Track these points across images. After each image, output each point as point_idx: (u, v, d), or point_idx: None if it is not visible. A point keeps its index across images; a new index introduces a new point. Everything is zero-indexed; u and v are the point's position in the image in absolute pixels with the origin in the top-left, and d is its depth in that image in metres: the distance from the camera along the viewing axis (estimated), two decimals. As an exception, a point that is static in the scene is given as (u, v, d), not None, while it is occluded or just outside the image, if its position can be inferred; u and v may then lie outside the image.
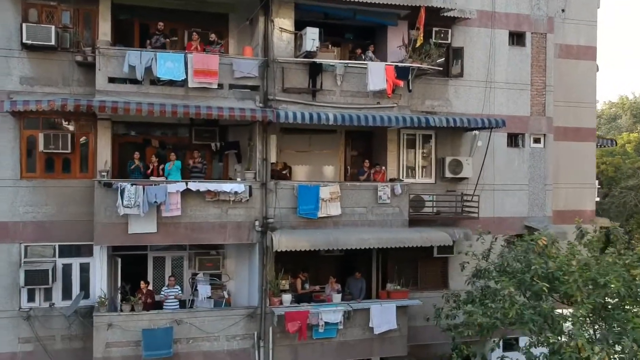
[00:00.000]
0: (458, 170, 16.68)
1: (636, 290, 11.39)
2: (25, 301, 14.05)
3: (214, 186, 14.03)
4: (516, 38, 17.96)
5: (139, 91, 13.90)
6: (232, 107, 14.05)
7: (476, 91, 17.34)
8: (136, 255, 15.12)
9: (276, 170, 15.44)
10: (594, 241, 13.09)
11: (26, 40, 13.56)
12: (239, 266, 15.89)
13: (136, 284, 14.64)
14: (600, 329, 11.16)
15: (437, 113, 16.65)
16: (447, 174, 16.66)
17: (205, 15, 15.76)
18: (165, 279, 15.25)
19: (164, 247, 15.29)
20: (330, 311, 14.68)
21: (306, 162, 16.83)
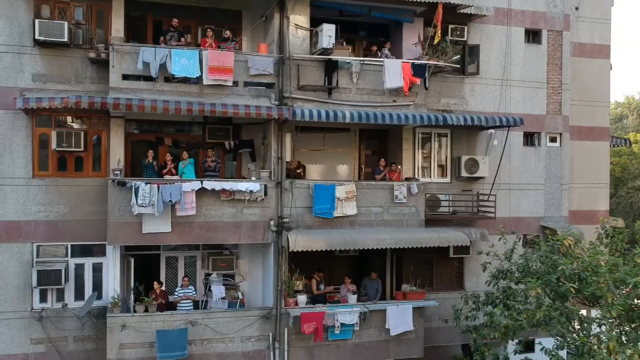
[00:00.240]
0: (474, 170, 16.46)
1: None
2: (38, 302, 13.83)
3: (229, 185, 13.81)
4: (532, 36, 17.75)
5: (153, 88, 13.68)
6: (247, 104, 13.82)
7: (492, 89, 17.12)
8: (148, 255, 14.90)
9: (290, 169, 15.22)
10: (618, 241, 12.83)
11: (39, 37, 13.36)
12: (252, 266, 15.68)
13: (148, 284, 14.43)
14: (628, 330, 10.91)
15: (452, 111, 16.43)
16: (463, 173, 16.43)
17: (219, 12, 15.57)
18: (178, 279, 15.06)
19: (176, 247, 15.07)
20: (347, 312, 14.46)
21: (320, 161, 16.62)
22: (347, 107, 14.79)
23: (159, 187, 13.15)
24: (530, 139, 17.69)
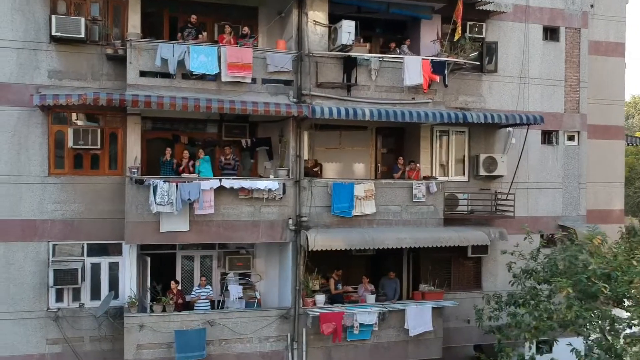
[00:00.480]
0: (492, 168, 16.26)
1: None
2: (54, 301, 13.64)
3: (248, 183, 13.62)
4: (550, 33, 17.55)
5: (170, 85, 13.49)
6: (266, 102, 13.63)
7: (510, 87, 16.93)
8: (163, 255, 14.70)
9: (307, 167, 15.04)
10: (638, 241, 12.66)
11: (55, 33, 13.16)
12: (268, 266, 15.49)
13: (164, 284, 14.25)
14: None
15: (470, 109, 16.23)
16: (481, 172, 16.22)
17: (235, 9, 15.38)
18: (195, 278, 14.88)
19: (193, 246, 14.88)
20: (365, 312, 14.28)
21: (336, 160, 16.42)
22: (365, 104, 14.60)
23: (177, 186, 12.96)
24: (548, 137, 17.50)
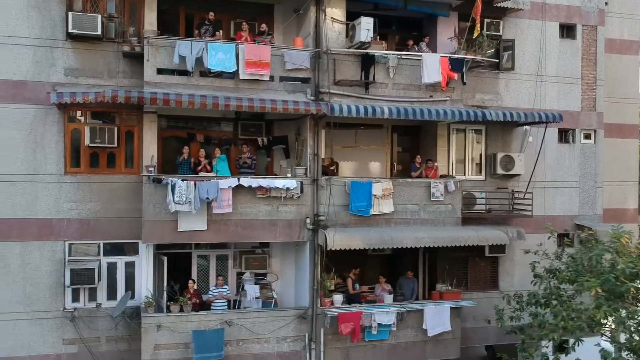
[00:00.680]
0: (510, 167, 16.11)
1: None
2: (70, 301, 13.50)
3: (266, 182, 13.48)
4: (566, 30, 17.39)
5: (188, 83, 13.34)
6: (285, 100, 13.50)
7: (527, 85, 16.78)
8: (178, 254, 14.55)
9: (324, 166, 14.88)
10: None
11: (72, 30, 13.01)
12: (284, 265, 15.35)
13: (178, 283, 14.14)
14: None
15: (487, 107, 16.07)
16: (499, 171, 16.08)
17: (251, 6, 15.23)
18: (210, 278, 14.76)
19: (208, 246, 14.74)
20: (384, 312, 14.15)
21: (351, 158, 16.29)
22: (383, 102, 14.46)
23: (195, 184, 12.83)
24: (564, 135, 17.36)
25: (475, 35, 14.82)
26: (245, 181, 13.30)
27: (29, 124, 13.23)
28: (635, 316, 10.84)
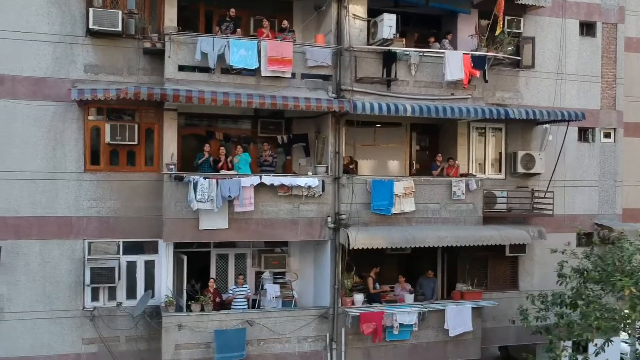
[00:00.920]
0: (530, 166, 15.97)
1: None
2: (89, 300, 13.36)
3: (288, 180, 13.35)
4: (586, 28, 17.24)
5: (209, 80, 13.20)
6: (307, 97, 13.36)
7: (547, 83, 16.62)
8: (196, 253, 14.41)
9: (343, 164, 14.73)
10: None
11: (93, 26, 12.85)
12: (302, 264, 15.19)
13: (197, 282, 14.03)
14: None
15: (507, 105, 15.89)
16: (519, 169, 15.94)
17: (270, 3, 15.10)
18: (229, 277, 14.62)
19: (227, 245, 14.59)
20: (405, 312, 14.01)
21: (370, 157, 16.15)
22: (404, 100, 14.31)
23: (217, 182, 12.69)
24: (584, 134, 17.20)
25: (498, 32, 14.67)
26: (267, 179, 13.17)
27: (48, 121, 13.08)
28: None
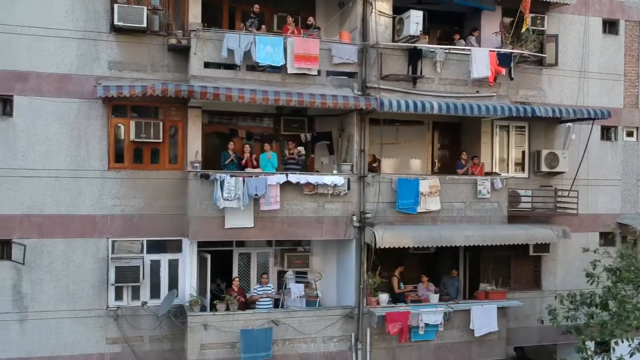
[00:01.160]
0: (554, 164, 15.83)
1: None
2: (113, 299, 13.22)
3: (314, 178, 13.21)
4: (609, 26, 17.10)
5: (235, 77, 13.06)
6: (334, 94, 13.21)
7: (570, 81, 16.47)
8: (218, 252, 14.27)
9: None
10: None
11: (117, 22, 12.71)
12: (324, 264, 15.05)
13: (224, 281, 13.88)
14: None
15: (531, 103, 15.75)
16: (543, 168, 15.80)
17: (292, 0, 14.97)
18: (251, 276, 14.48)
19: (250, 244, 14.45)
20: (431, 312, 13.87)
21: (392, 155, 15.93)
22: (430, 97, 14.18)
23: (244, 180, 12.55)
24: (606, 133, 17.07)
25: (524, 29, 14.54)
26: (294, 177, 13.03)
27: (72, 118, 12.93)
28: None
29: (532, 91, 16.11)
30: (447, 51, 14.35)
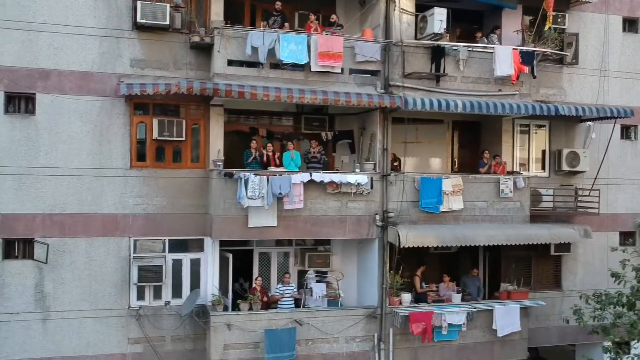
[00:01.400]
0: (575, 163, 15.74)
1: None
2: (135, 299, 13.11)
3: (337, 177, 13.11)
4: (629, 24, 17.01)
5: (258, 75, 12.94)
6: (358, 92, 13.12)
7: (590, 80, 16.38)
8: (238, 251, 14.16)
9: (388, 161, 14.51)
10: None
11: (140, 20, 12.61)
12: (345, 263, 14.94)
13: (247, 281, 13.79)
14: None
15: (551, 102, 15.65)
16: (564, 167, 15.71)
17: (313, -3, 14.88)
18: (272, 276, 14.38)
19: (270, 243, 14.35)
20: (454, 312, 13.78)
21: (412, 154, 15.83)
22: (452, 96, 14.08)
23: (268, 179, 12.45)
24: (626, 132, 16.98)
25: (547, 27, 14.43)
26: (317, 176, 12.93)
27: (95, 117, 12.83)
28: None
29: (552, 90, 16.01)
30: (470, 49, 14.24)
